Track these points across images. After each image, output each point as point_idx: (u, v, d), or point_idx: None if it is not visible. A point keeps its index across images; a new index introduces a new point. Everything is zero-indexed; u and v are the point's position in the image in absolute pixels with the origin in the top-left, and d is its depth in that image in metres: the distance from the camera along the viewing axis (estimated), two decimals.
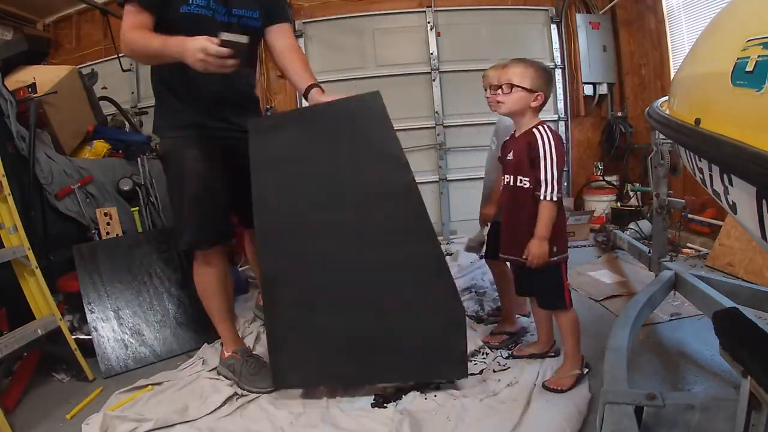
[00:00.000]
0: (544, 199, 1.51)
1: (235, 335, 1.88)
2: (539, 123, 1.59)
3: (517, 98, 1.57)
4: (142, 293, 2.21)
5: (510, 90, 1.57)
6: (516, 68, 1.58)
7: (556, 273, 1.59)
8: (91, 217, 2.42)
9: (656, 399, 1.15)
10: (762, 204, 0.71)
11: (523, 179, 1.59)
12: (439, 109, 4.06)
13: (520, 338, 2.00)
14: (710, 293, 1.74)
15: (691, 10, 3.44)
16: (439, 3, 4.03)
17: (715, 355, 1.69)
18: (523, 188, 1.59)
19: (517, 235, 1.61)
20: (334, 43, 4.07)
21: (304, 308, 1.56)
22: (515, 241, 1.63)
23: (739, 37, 0.78)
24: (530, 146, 1.55)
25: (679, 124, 1.02)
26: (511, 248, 1.66)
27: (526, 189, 1.58)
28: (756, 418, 0.95)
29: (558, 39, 4.18)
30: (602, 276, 2.77)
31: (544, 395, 1.56)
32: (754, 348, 0.93)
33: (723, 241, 2.81)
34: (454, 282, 1.57)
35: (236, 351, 1.81)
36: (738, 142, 0.72)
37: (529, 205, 1.57)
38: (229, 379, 1.78)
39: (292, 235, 1.55)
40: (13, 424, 1.59)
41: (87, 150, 2.83)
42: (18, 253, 1.79)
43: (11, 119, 2.25)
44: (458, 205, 4.13)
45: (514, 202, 1.63)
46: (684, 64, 1.17)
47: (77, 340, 1.94)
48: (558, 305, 1.64)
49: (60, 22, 4.36)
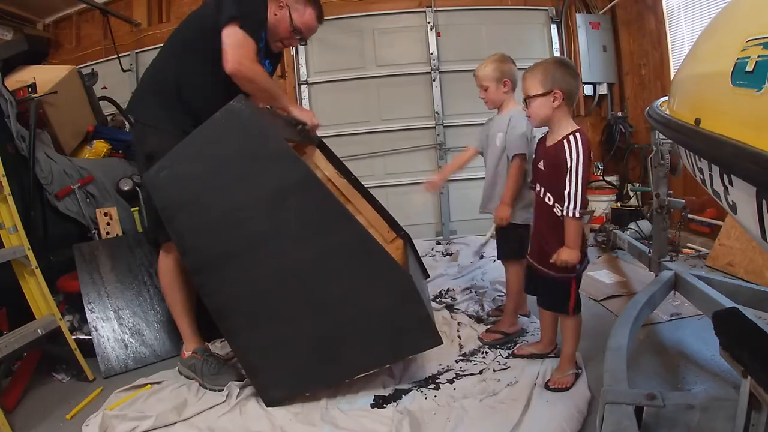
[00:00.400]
0: (567, 216, 1.49)
1: (195, 332, 1.88)
2: (572, 132, 1.50)
3: (536, 107, 1.54)
4: (143, 293, 2.21)
5: (528, 104, 1.56)
6: (526, 81, 1.56)
7: (565, 282, 1.58)
8: (91, 217, 2.42)
9: (656, 399, 1.15)
10: (762, 204, 0.71)
11: (551, 196, 1.57)
12: (439, 109, 4.06)
13: (515, 339, 1.99)
14: (710, 293, 1.74)
15: (691, 10, 3.44)
16: (439, 3, 4.03)
17: (715, 355, 1.69)
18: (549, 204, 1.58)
19: (544, 246, 1.60)
20: (334, 43, 4.07)
21: (261, 328, 1.58)
22: (542, 250, 1.62)
23: (739, 37, 0.78)
24: (559, 161, 1.50)
25: (679, 124, 1.02)
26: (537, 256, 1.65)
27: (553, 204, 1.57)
28: (756, 418, 0.95)
29: (558, 39, 4.17)
30: (602, 276, 2.77)
31: (543, 395, 1.55)
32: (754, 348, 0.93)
33: (723, 241, 2.81)
34: (388, 252, 1.55)
35: (196, 350, 1.83)
36: (738, 142, 0.72)
37: (556, 219, 1.55)
38: (190, 378, 1.79)
39: (224, 265, 1.54)
40: (13, 424, 1.59)
41: (87, 150, 2.83)
42: (18, 253, 1.79)
43: (11, 119, 2.25)
44: (458, 205, 4.12)
45: (545, 213, 1.62)
46: (684, 64, 1.17)
47: (77, 340, 1.94)
48: (560, 309, 1.64)
49: (60, 22, 4.37)
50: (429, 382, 1.70)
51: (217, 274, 1.55)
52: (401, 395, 1.61)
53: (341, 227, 1.52)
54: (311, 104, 4.09)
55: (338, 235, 1.51)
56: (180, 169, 1.52)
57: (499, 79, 1.89)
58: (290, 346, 1.59)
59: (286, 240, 1.53)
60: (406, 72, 4.06)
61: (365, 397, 1.62)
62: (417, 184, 4.14)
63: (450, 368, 1.80)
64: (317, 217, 1.52)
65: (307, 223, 1.51)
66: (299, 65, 4.05)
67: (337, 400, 1.61)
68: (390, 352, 1.61)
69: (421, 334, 1.57)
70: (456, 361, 1.86)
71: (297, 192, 1.50)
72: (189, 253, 1.58)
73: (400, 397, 1.60)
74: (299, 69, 4.06)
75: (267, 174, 1.50)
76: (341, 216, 1.53)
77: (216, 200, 1.52)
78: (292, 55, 4.03)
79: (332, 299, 1.55)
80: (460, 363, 1.84)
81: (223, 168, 1.51)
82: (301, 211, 1.51)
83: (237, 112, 1.48)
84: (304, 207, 1.51)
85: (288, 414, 1.55)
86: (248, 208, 1.52)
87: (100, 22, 4.12)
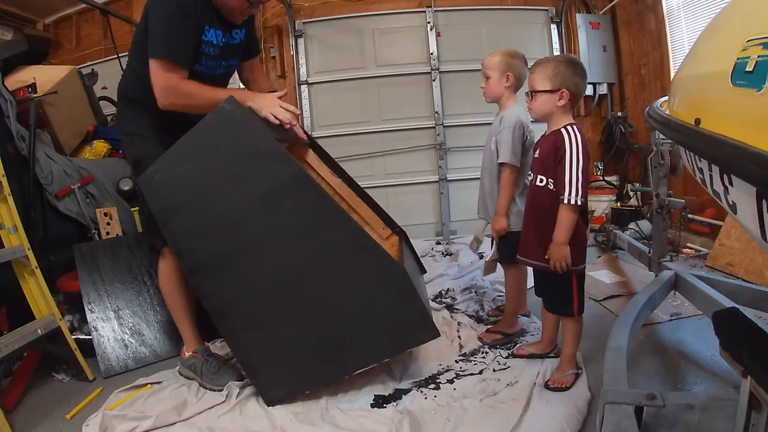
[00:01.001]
0: (566, 203, 1.47)
1: (196, 334, 1.89)
2: (569, 123, 1.53)
3: (540, 102, 1.55)
4: (143, 293, 2.20)
5: (533, 97, 1.56)
6: (534, 74, 1.56)
7: (566, 282, 1.57)
8: (91, 217, 2.42)
9: (656, 399, 1.15)
10: (762, 204, 0.71)
11: (545, 179, 1.55)
12: (439, 109, 4.06)
13: (515, 340, 1.99)
14: (710, 293, 1.74)
15: (691, 10, 3.44)
16: (439, 3, 4.03)
17: (715, 355, 1.69)
18: (547, 189, 1.55)
19: (537, 238, 1.59)
20: (334, 43, 4.07)
21: (260, 328, 1.58)
22: (534, 244, 1.60)
23: (739, 37, 0.78)
24: (556, 145, 1.51)
25: (679, 124, 1.02)
26: (529, 251, 1.63)
27: (550, 191, 1.54)
28: (756, 418, 0.95)
29: (558, 39, 4.17)
30: (602, 276, 2.77)
31: (543, 395, 1.55)
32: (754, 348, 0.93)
33: (723, 241, 2.81)
34: (383, 248, 1.56)
35: (196, 350, 1.83)
36: (738, 142, 0.72)
37: (550, 208, 1.53)
38: (190, 378, 1.80)
39: (220, 266, 1.55)
40: (13, 424, 1.59)
41: (87, 150, 2.83)
42: (18, 253, 1.79)
43: (11, 119, 2.25)
44: (458, 205, 4.12)
45: (536, 202, 1.61)
46: (684, 64, 1.17)
47: (77, 340, 1.94)
48: (564, 313, 1.64)
49: (60, 22, 4.36)
50: (429, 382, 1.70)
51: (214, 275, 1.55)
52: (401, 395, 1.61)
53: (336, 225, 1.52)
54: (311, 104, 4.09)
55: (333, 232, 1.52)
56: (174, 171, 1.52)
57: (503, 72, 1.87)
58: (289, 345, 1.59)
59: (282, 239, 1.53)
60: (406, 72, 4.05)
61: (365, 396, 1.62)
62: (417, 184, 4.16)
63: (450, 368, 1.80)
64: (311, 216, 1.52)
65: (302, 222, 1.52)
66: (299, 65, 4.06)
67: (337, 400, 1.61)
68: (388, 347, 1.61)
69: (419, 327, 1.57)
70: (456, 361, 1.86)
71: (290, 191, 1.50)
72: (185, 255, 1.58)
73: (400, 397, 1.60)
74: (299, 69, 4.06)
75: (260, 174, 1.50)
76: (335, 214, 1.53)
77: (210, 202, 1.53)
78: (292, 55, 4.03)
79: (329, 296, 1.55)
80: (460, 363, 1.84)
81: (216, 169, 1.52)
82: (295, 210, 1.51)
83: (227, 114, 1.48)
84: (298, 206, 1.51)
85: (288, 414, 1.55)
86: (242, 209, 1.53)
87: (100, 22, 4.12)
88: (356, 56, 4.06)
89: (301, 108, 4.07)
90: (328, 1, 4.05)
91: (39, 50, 3.21)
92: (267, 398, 1.61)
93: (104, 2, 3.83)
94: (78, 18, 4.35)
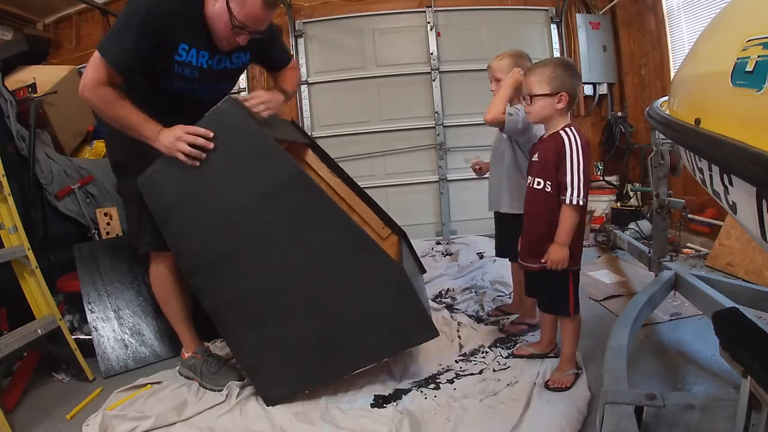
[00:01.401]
0: (569, 204, 1.47)
1: (195, 336, 1.88)
2: (567, 125, 1.54)
3: (540, 106, 1.55)
4: (143, 293, 2.20)
5: (531, 101, 1.56)
6: (532, 77, 1.56)
7: (561, 281, 1.58)
8: (91, 217, 2.43)
9: (656, 399, 1.15)
10: (762, 204, 0.71)
11: (542, 182, 1.56)
12: (439, 109, 4.06)
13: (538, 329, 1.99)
14: (710, 293, 1.74)
15: (691, 10, 3.44)
16: (439, 3, 4.03)
17: (715, 355, 1.69)
18: (544, 192, 1.56)
19: (535, 242, 1.59)
20: (334, 43, 4.07)
21: (259, 327, 1.58)
22: (532, 248, 1.61)
23: (739, 37, 0.78)
24: (556, 149, 1.52)
25: (679, 124, 1.02)
26: (527, 255, 1.64)
27: (547, 193, 1.55)
28: (756, 418, 0.95)
29: (558, 39, 4.17)
30: (602, 276, 2.77)
31: (543, 395, 1.55)
32: (754, 348, 0.93)
33: (723, 241, 2.81)
34: (382, 247, 1.56)
35: (196, 351, 1.83)
36: (738, 142, 0.72)
37: (548, 211, 1.54)
38: (190, 379, 1.80)
39: (220, 265, 1.55)
40: (13, 424, 1.59)
41: (87, 150, 2.83)
42: (18, 253, 1.79)
43: (11, 119, 2.25)
44: (458, 205, 4.12)
45: (534, 206, 1.61)
46: (684, 64, 1.17)
47: (77, 340, 1.94)
48: (560, 312, 1.64)
49: (60, 22, 4.35)
50: (429, 382, 1.70)
51: (214, 274, 1.55)
52: (401, 395, 1.61)
53: (335, 224, 1.52)
54: (311, 104, 4.09)
55: (331, 231, 1.52)
56: (174, 171, 1.52)
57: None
58: (288, 344, 1.59)
59: (281, 238, 1.53)
60: (406, 72, 4.05)
61: (365, 396, 1.61)
62: (417, 184, 4.16)
63: (450, 368, 1.80)
64: (310, 215, 1.52)
65: (301, 221, 1.52)
66: (299, 65, 4.06)
67: (337, 400, 1.61)
68: (388, 346, 1.62)
69: (418, 327, 1.57)
70: (456, 361, 1.86)
71: (288, 190, 1.51)
72: (184, 255, 1.58)
73: (400, 397, 1.60)
74: (299, 69, 4.06)
75: (258, 173, 1.51)
76: (334, 213, 1.53)
77: (210, 201, 1.53)
78: (292, 55, 4.03)
79: (328, 295, 1.55)
80: (460, 363, 1.84)
81: (215, 169, 1.52)
82: (294, 210, 1.52)
83: (225, 114, 1.49)
84: (297, 205, 1.52)
85: (288, 413, 1.55)
86: (241, 208, 1.53)
87: (100, 22, 4.11)
88: (356, 56, 4.06)
89: (301, 108, 4.08)
90: (328, 1, 4.05)
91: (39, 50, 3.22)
92: (267, 398, 1.61)
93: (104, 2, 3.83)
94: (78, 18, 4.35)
